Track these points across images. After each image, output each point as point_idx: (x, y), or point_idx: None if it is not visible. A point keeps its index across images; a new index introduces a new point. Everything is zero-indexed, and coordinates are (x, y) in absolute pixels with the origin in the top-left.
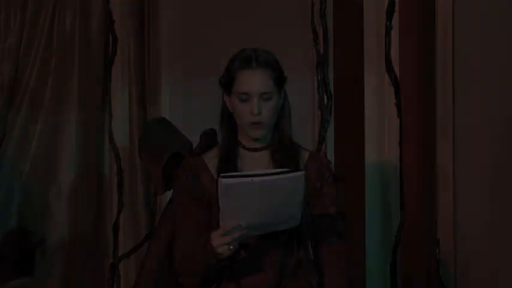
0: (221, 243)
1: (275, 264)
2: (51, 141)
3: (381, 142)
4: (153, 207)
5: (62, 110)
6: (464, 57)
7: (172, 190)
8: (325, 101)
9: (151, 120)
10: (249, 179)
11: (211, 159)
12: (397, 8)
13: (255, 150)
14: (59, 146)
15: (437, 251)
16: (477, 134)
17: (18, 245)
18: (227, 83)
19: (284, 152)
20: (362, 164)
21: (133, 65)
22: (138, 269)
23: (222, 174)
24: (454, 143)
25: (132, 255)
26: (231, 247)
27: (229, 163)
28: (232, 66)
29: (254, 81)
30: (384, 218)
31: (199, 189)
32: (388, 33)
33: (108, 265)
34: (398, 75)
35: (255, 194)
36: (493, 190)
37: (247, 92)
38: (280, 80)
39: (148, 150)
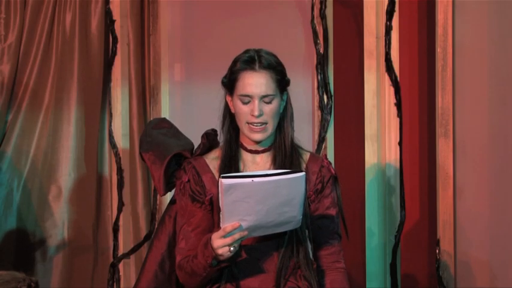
0: (221, 244)
1: (275, 266)
2: (51, 141)
3: (381, 142)
4: (153, 207)
5: (62, 110)
6: (464, 57)
7: (173, 191)
8: (325, 101)
9: (152, 121)
10: (250, 179)
11: (212, 160)
12: (397, 8)
13: (257, 152)
14: (58, 146)
15: (437, 251)
16: (477, 134)
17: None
18: (230, 84)
19: (286, 154)
20: (362, 164)
21: (133, 65)
22: (138, 269)
23: (222, 175)
24: (454, 143)
25: (132, 255)
26: (232, 248)
27: (230, 164)
28: (235, 67)
29: (256, 83)
30: (384, 218)
31: (200, 190)
32: (388, 33)
33: (108, 265)
34: (398, 75)
35: (255, 195)
36: (493, 190)
37: (249, 94)
38: (282, 83)
39: (150, 151)
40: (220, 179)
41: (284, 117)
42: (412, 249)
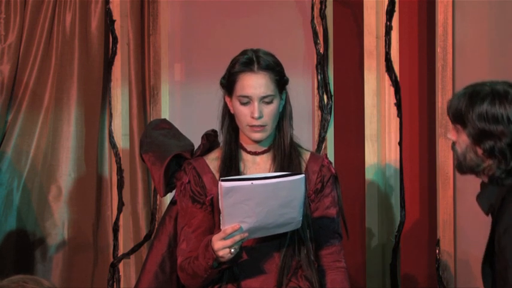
0: (222, 246)
1: (276, 266)
2: (51, 141)
3: (381, 142)
4: (153, 207)
5: (62, 110)
6: (464, 57)
7: (173, 191)
8: (325, 101)
9: (152, 122)
10: (249, 182)
11: (212, 160)
12: (397, 8)
13: (256, 153)
14: (58, 146)
15: (437, 251)
16: None
17: (17, 245)
18: (228, 86)
19: (285, 153)
20: (362, 164)
21: (133, 65)
22: (138, 269)
23: (222, 178)
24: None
25: (132, 255)
26: (232, 250)
27: (231, 165)
28: (233, 69)
29: (255, 84)
30: (383, 218)
31: (201, 191)
32: (388, 33)
33: (108, 265)
34: (398, 75)
35: (255, 197)
36: None
37: (249, 96)
38: (281, 82)
39: (150, 152)
40: (219, 182)
41: (283, 117)
42: (412, 249)
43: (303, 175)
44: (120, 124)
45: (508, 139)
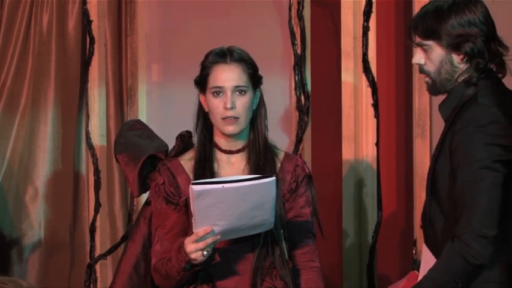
0: (194, 249)
1: (250, 266)
2: (27, 141)
3: (358, 142)
4: (129, 208)
5: (39, 110)
6: None
7: (148, 192)
8: (303, 101)
9: (127, 123)
10: (220, 185)
11: (187, 161)
12: (374, 8)
13: (231, 152)
14: (35, 146)
15: (413, 251)
16: None
17: None
18: (202, 80)
19: (260, 153)
20: (339, 165)
21: (111, 66)
22: (114, 270)
23: (193, 182)
24: (431, 142)
25: (108, 256)
26: (205, 253)
27: (205, 165)
28: (206, 60)
29: (228, 75)
30: (360, 219)
31: (175, 192)
32: (365, 33)
33: (85, 266)
34: (375, 75)
35: (226, 200)
36: None
37: (221, 86)
38: (254, 77)
39: (124, 153)
40: (190, 185)
41: (257, 116)
42: (388, 250)
43: (273, 178)
44: (97, 125)
45: (483, 38)
